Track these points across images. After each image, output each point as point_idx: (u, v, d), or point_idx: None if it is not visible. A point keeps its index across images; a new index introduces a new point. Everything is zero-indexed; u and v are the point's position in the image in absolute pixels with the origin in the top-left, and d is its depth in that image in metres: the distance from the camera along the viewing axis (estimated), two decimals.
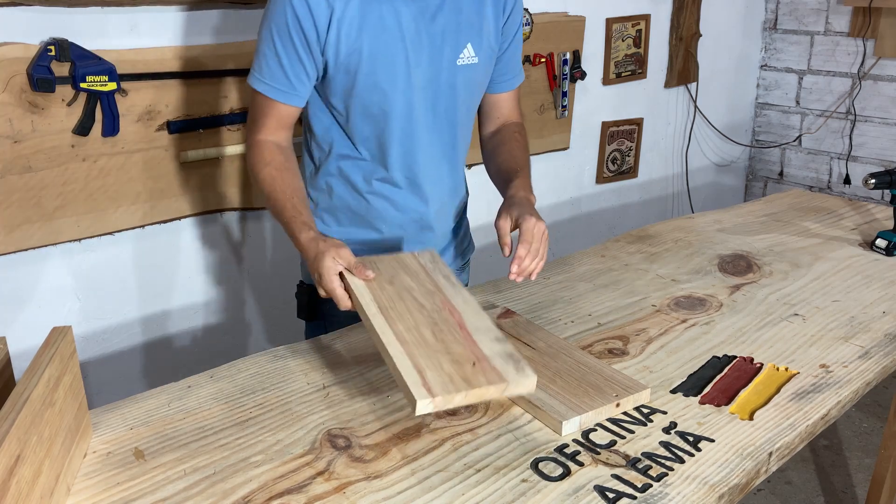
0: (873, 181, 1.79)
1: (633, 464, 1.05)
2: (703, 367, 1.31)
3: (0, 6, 1.60)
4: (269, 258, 2.20)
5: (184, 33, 1.87)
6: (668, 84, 3.27)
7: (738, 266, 1.74)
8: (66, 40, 1.67)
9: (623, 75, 3.05)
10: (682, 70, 3.28)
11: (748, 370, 1.30)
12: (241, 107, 1.98)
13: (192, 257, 2.06)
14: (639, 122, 3.19)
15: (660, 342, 1.39)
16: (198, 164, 1.96)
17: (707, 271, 1.71)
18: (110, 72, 1.73)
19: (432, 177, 1.48)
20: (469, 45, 1.40)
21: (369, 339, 1.35)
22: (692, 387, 1.25)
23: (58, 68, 1.68)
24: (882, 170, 1.83)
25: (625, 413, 1.17)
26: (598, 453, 1.07)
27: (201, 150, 1.94)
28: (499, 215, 1.36)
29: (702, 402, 1.20)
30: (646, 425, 1.14)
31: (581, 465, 1.05)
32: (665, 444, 1.09)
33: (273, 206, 1.35)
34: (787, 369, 1.30)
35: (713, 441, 1.10)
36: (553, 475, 1.02)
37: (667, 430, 1.13)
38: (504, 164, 1.49)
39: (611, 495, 0.99)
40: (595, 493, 0.99)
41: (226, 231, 2.10)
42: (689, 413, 1.17)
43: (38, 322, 1.82)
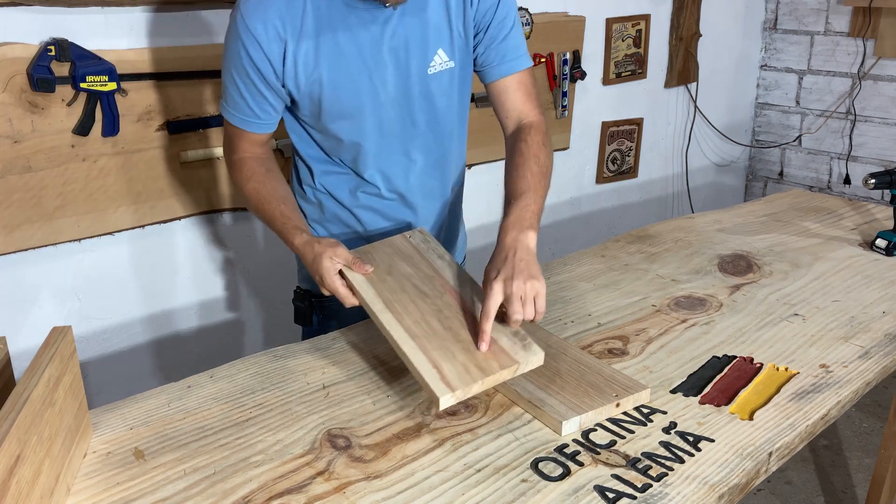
0: (873, 181, 1.79)
1: (633, 464, 1.05)
2: (703, 367, 1.31)
3: (0, 6, 1.60)
4: (268, 258, 2.20)
5: (183, 33, 1.87)
6: (668, 84, 3.27)
7: (738, 266, 1.74)
8: (66, 40, 1.67)
9: (623, 75, 3.05)
10: (682, 70, 3.28)
11: (748, 370, 1.30)
12: None
13: (192, 257, 2.06)
14: (639, 122, 3.19)
15: (660, 342, 1.39)
16: (198, 164, 1.96)
17: (707, 271, 1.71)
18: (110, 72, 1.73)
19: (419, 187, 1.46)
20: (440, 51, 1.35)
21: (369, 340, 1.36)
22: (692, 387, 1.25)
23: (58, 68, 1.68)
24: (882, 170, 1.83)
25: (625, 413, 1.17)
26: (598, 453, 1.07)
27: (201, 150, 1.94)
28: (486, 278, 1.19)
29: (702, 402, 1.20)
30: (646, 425, 1.14)
31: (581, 465, 1.05)
32: (665, 444, 1.09)
33: (264, 217, 1.35)
34: (787, 369, 1.30)
35: (713, 441, 1.10)
36: (553, 475, 1.02)
37: (667, 430, 1.13)
38: (506, 189, 1.34)
39: (611, 495, 0.98)
40: (595, 493, 0.99)
41: (226, 231, 2.10)
42: (689, 413, 1.17)
43: (38, 322, 1.82)
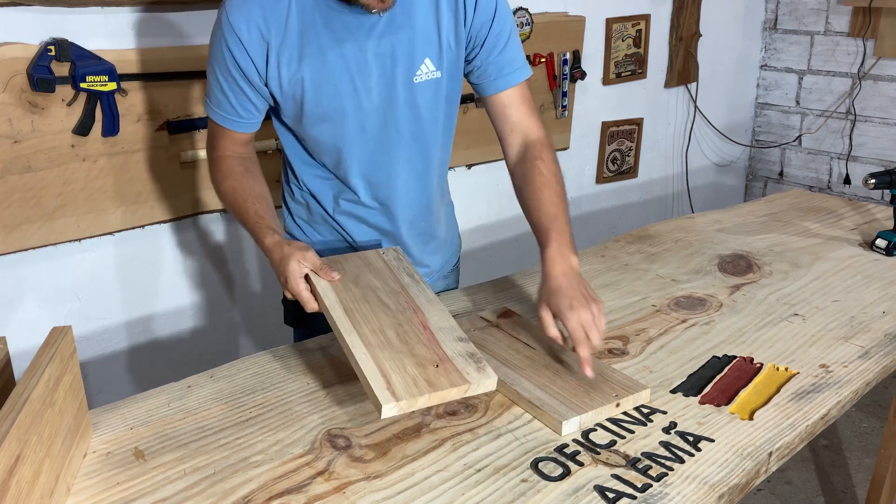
0: (873, 181, 1.79)
1: (632, 464, 1.05)
2: (703, 367, 1.31)
3: (0, 6, 1.60)
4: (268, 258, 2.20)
5: (184, 33, 1.87)
6: (668, 84, 3.27)
7: (738, 266, 1.74)
8: (66, 40, 1.67)
9: (623, 75, 3.05)
10: (682, 70, 3.28)
11: (748, 370, 1.30)
12: None
13: (193, 257, 2.06)
14: (639, 122, 3.19)
15: (660, 342, 1.39)
16: (198, 165, 1.96)
17: (707, 271, 1.71)
18: (110, 72, 1.73)
19: (402, 197, 1.44)
20: (427, 60, 1.33)
21: None
22: (692, 387, 1.25)
23: (58, 68, 1.68)
24: (882, 170, 1.83)
25: (625, 413, 1.17)
26: (598, 453, 1.07)
27: (201, 150, 1.94)
28: (538, 301, 1.25)
29: (702, 402, 1.20)
30: (646, 425, 1.14)
31: (581, 465, 1.05)
32: (665, 444, 1.09)
33: (238, 215, 1.35)
34: (787, 369, 1.30)
35: (713, 441, 1.10)
36: (553, 475, 1.02)
37: (667, 430, 1.13)
38: (533, 213, 1.33)
39: (611, 495, 0.98)
40: (595, 493, 0.99)
41: (226, 231, 2.10)
42: (689, 413, 1.17)
43: (38, 322, 1.82)
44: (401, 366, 1.09)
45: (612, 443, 1.10)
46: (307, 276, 1.23)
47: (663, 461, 1.06)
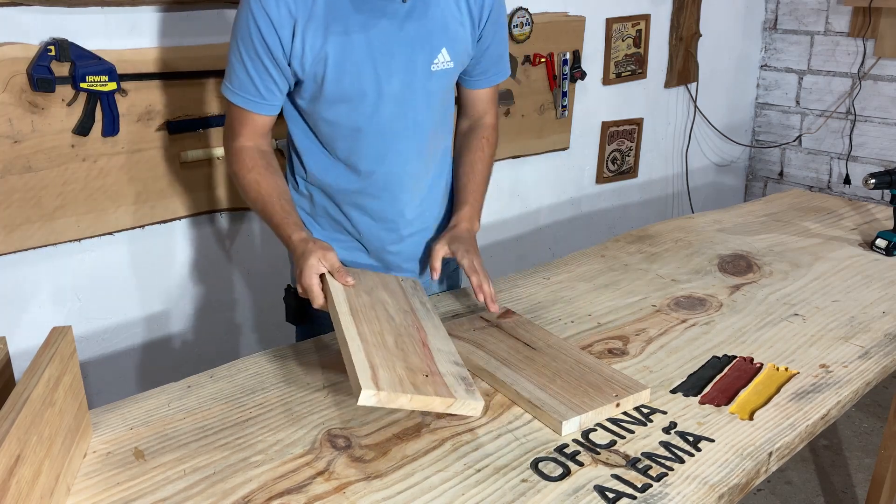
0: (873, 181, 1.79)
1: (632, 464, 1.05)
2: (703, 367, 1.31)
3: (0, 6, 1.60)
4: (267, 258, 2.20)
5: (184, 33, 1.87)
6: (668, 84, 3.26)
7: (738, 266, 1.74)
8: (66, 40, 1.67)
9: (623, 75, 3.05)
10: (682, 70, 3.28)
11: (748, 370, 1.30)
12: None
13: (193, 257, 2.06)
14: (639, 122, 3.19)
15: (660, 342, 1.39)
16: (198, 165, 1.96)
17: (707, 271, 1.71)
18: (110, 72, 1.73)
19: (409, 185, 1.45)
20: (444, 50, 1.37)
21: None
22: (692, 387, 1.25)
23: (58, 68, 1.68)
24: (882, 170, 1.83)
25: (625, 413, 1.17)
26: (598, 453, 1.07)
27: (201, 150, 1.94)
28: (439, 239, 1.43)
29: (702, 402, 1.20)
30: (646, 425, 1.14)
31: (581, 465, 1.05)
32: (665, 444, 1.09)
33: (262, 209, 1.36)
34: (787, 369, 1.30)
35: (713, 441, 1.10)
36: (553, 475, 1.02)
37: (667, 430, 1.13)
38: (462, 178, 1.52)
39: (611, 495, 0.99)
40: (595, 493, 0.99)
41: (225, 231, 2.10)
42: (689, 413, 1.17)
43: (38, 322, 1.82)
44: (391, 364, 1.10)
45: (612, 443, 1.10)
46: (322, 276, 1.26)
47: (663, 461, 1.06)
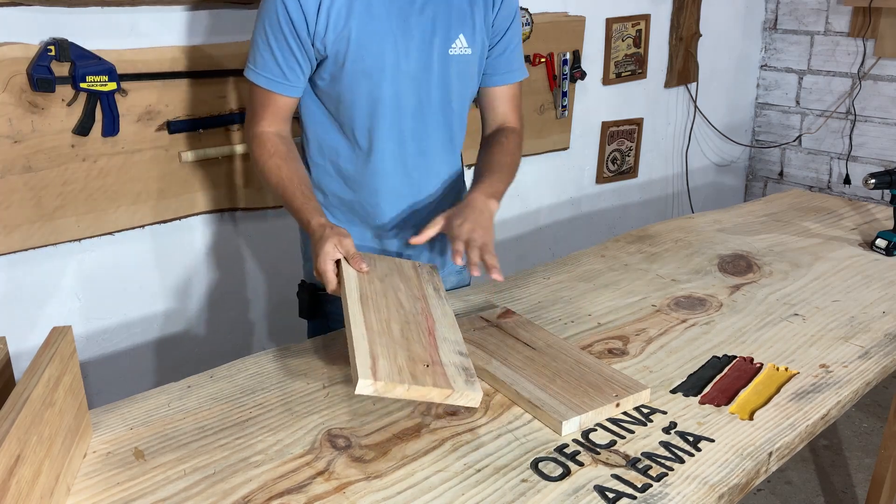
0: (873, 181, 1.79)
1: (632, 464, 1.05)
2: (703, 367, 1.31)
3: (0, 6, 1.60)
4: (269, 258, 2.20)
5: (184, 33, 1.87)
6: (668, 84, 3.26)
7: (738, 266, 1.74)
8: (66, 40, 1.67)
9: (623, 75, 3.05)
10: (682, 70, 3.28)
11: (748, 370, 1.30)
12: (241, 107, 1.98)
13: (193, 257, 2.06)
14: (639, 122, 3.19)
15: (660, 342, 1.39)
16: (198, 165, 1.95)
17: (707, 271, 1.71)
18: (110, 72, 1.73)
19: (425, 168, 1.48)
20: (461, 36, 1.41)
21: None
22: (692, 387, 1.25)
23: (58, 68, 1.67)
24: (882, 170, 1.83)
25: (625, 413, 1.17)
26: (598, 453, 1.07)
27: (201, 150, 1.94)
28: (446, 212, 1.38)
29: (702, 402, 1.20)
30: (646, 425, 1.14)
31: (581, 465, 1.05)
32: (665, 444, 1.09)
33: (283, 194, 1.38)
34: (787, 369, 1.30)
35: (713, 441, 1.10)
36: (553, 475, 1.02)
37: (667, 430, 1.13)
38: (484, 162, 1.50)
39: (611, 495, 0.99)
40: (595, 493, 0.99)
41: (226, 231, 2.10)
42: (689, 413, 1.17)
43: (38, 322, 1.82)
44: (392, 354, 1.10)
45: (612, 443, 1.10)
46: (338, 262, 1.27)
47: (663, 461, 1.06)
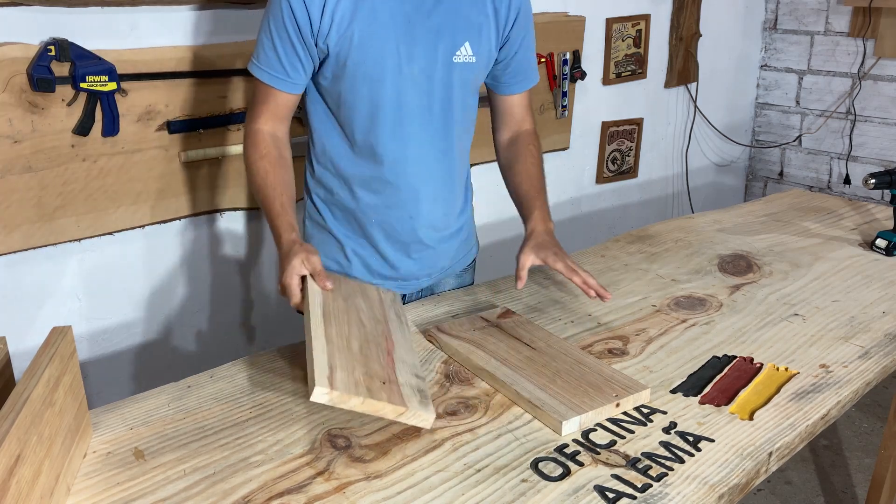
0: (873, 181, 1.79)
1: (632, 464, 1.05)
2: (703, 367, 1.31)
3: (0, 6, 1.60)
4: (269, 258, 2.20)
5: (184, 33, 1.87)
6: (668, 84, 3.26)
7: (738, 266, 1.74)
8: (66, 40, 1.67)
9: (623, 75, 3.05)
10: (682, 70, 3.28)
11: (748, 370, 1.30)
12: (242, 107, 1.98)
13: (193, 257, 2.06)
14: (639, 122, 3.19)
15: (660, 342, 1.39)
16: (198, 164, 1.96)
17: (707, 271, 1.71)
18: (110, 72, 1.73)
19: (425, 175, 1.47)
20: (467, 44, 1.41)
21: None
22: (692, 387, 1.25)
23: (58, 68, 1.67)
24: (882, 170, 1.83)
25: (625, 413, 1.17)
26: (598, 453, 1.07)
27: (201, 150, 1.94)
28: (522, 249, 1.43)
29: (702, 402, 1.20)
30: (646, 425, 1.14)
31: (581, 465, 1.05)
32: (665, 444, 1.09)
33: (263, 199, 1.39)
34: (787, 369, 1.30)
35: (713, 441, 1.10)
36: (553, 475, 1.02)
37: (667, 430, 1.13)
38: (522, 186, 1.54)
39: (611, 495, 0.99)
40: (595, 493, 0.99)
41: (226, 231, 2.10)
42: (689, 413, 1.17)
43: (38, 322, 1.82)
44: (350, 367, 1.10)
45: (612, 443, 1.10)
46: (303, 278, 1.27)
47: (663, 461, 1.06)
